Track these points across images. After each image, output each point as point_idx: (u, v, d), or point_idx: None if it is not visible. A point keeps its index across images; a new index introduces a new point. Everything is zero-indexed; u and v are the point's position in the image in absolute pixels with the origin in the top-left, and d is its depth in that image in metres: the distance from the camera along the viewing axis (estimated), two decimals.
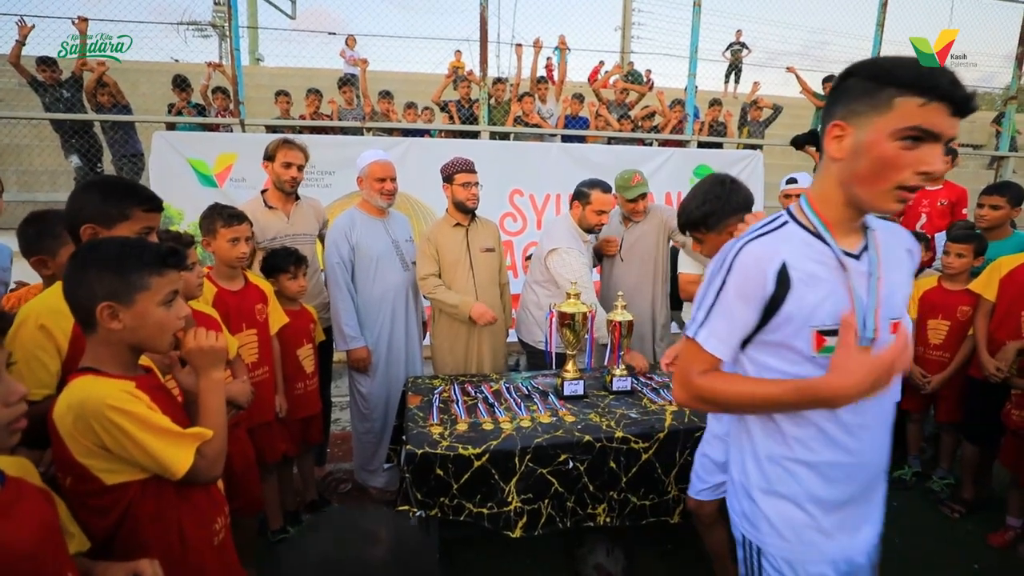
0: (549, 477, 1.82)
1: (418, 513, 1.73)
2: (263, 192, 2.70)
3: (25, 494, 0.92)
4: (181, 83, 5.64)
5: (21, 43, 5.27)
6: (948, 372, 2.75)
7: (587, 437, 1.85)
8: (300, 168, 2.64)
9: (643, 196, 2.85)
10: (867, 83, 0.92)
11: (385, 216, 2.73)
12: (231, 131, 5.08)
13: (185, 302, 1.79)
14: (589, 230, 2.73)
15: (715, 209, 1.64)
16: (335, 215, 2.86)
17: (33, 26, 5.21)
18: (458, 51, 8.67)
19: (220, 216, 2.07)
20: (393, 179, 2.65)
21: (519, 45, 5.71)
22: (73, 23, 5.37)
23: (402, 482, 1.77)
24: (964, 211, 3.77)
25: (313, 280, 2.78)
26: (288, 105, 5.64)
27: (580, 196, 2.71)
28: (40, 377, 1.29)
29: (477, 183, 2.69)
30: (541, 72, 6.20)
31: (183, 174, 4.63)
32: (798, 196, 1.08)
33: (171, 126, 5.62)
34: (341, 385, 3.87)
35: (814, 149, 5.93)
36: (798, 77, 5.72)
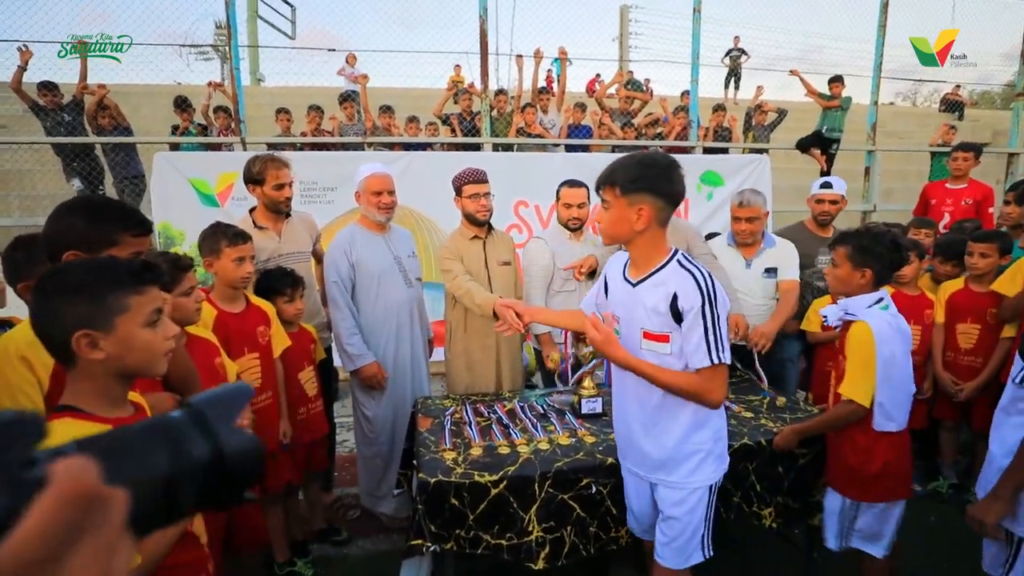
0: (571, 503, 1.71)
1: (432, 547, 1.63)
2: (251, 211, 2.57)
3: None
4: (183, 104, 5.63)
5: (23, 69, 5.27)
6: (981, 379, 2.63)
7: (610, 459, 1.74)
8: (290, 185, 2.53)
9: None
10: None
11: (386, 231, 2.63)
12: (232, 150, 5.04)
13: (181, 327, 1.74)
14: (567, 227, 2.69)
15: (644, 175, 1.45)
16: (337, 231, 2.78)
17: (32, 53, 5.21)
18: (457, 65, 8.69)
19: (224, 235, 1.99)
20: (391, 192, 2.56)
21: (519, 56, 5.69)
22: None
23: (414, 514, 1.66)
24: (991, 210, 3.66)
25: (311, 299, 2.68)
26: (289, 123, 5.62)
27: (556, 195, 2.73)
28: None
29: (487, 194, 2.57)
30: (542, 83, 6.16)
31: (184, 194, 4.58)
32: (833, 202, 1.03)
33: (174, 147, 5.62)
34: (347, 404, 3.77)
35: (819, 152, 5.88)
36: (802, 80, 5.66)
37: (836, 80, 5.73)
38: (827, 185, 2.83)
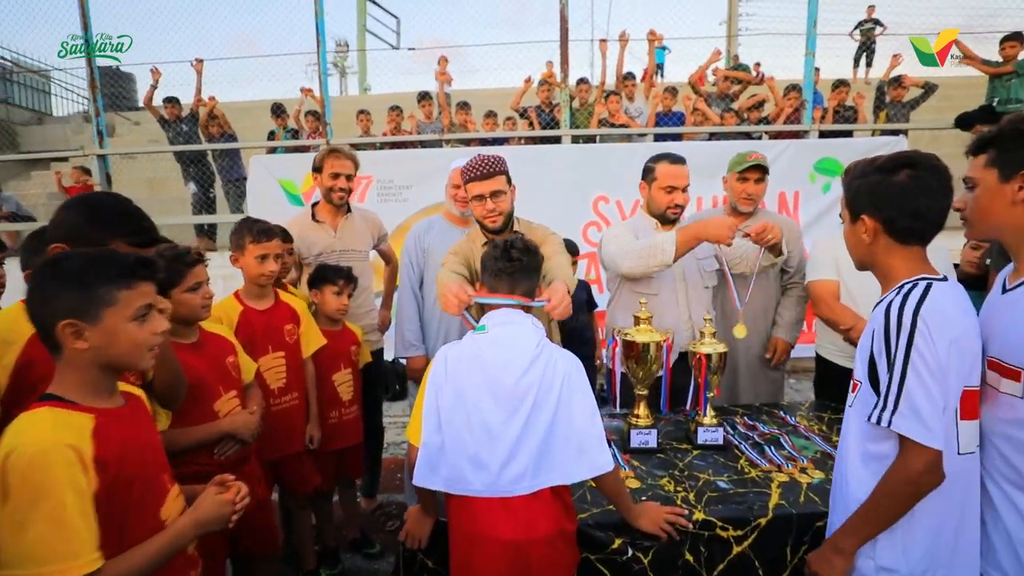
0: (600, 567, 1.36)
1: None
2: (313, 206, 2.58)
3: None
4: (278, 110, 5.98)
5: (154, 87, 5.92)
6: None
7: None
8: (349, 178, 2.48)
9: (759, 174, 2.29)
10: None
11: (468, 226, 2.38)
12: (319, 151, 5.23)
13: (192, 322, 1.67)
14: (662, 217, 2.16)
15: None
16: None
17: (161, 73, 5.81)
18: (549, 62, 8.42)
19: (250, 231, 1.92)
20: None
21: (603, 40, 5.28)
22: (192, 65, 5.95)
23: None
24: None
25: (362, 299, 2.58)
26: (369, 123, 5.73)
27: (646, 174, 2.20)
28: None
29: (498, 192, 1.87)
30: (628, 69, 5.68)
31: (274, 194, 4.84)
32: None
33: (272, 151, 6.01)
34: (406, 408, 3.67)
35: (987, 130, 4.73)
36: (958, 44, 4.60)
37: (1013, 38, 4.60)
38: None
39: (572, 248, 3.12)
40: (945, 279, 1.09)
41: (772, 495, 1.46)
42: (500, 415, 1.26)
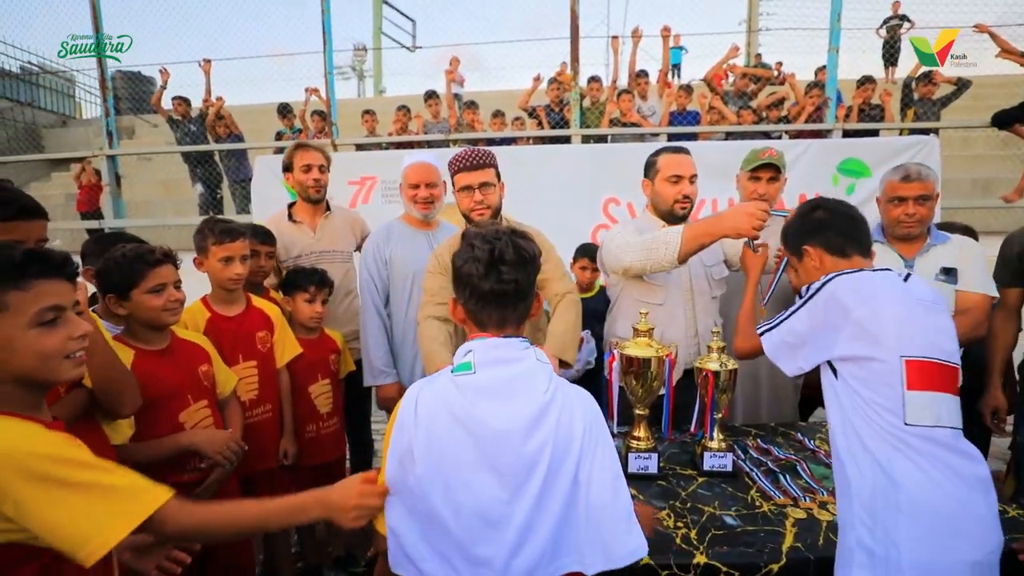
0: None
1: None
2: (290, 205, 2.44)
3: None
4: (284, 110, 5.93)
5: (163, 88, 5.92)
6: None
7: (645, 559, 1.18)
8: (322, 169, 2.36)
9: (773, 173, 2.06)
10: None
11: (432, 228, 2.27)
12: None
13: (165, 326, 1.55)
14: (669, 215, 1.95)
15: None
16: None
17: (169, 74, 5.81)
18: (563, 62, 8.28)
19: (212, 232, 1.78)
20: (431, 184, 2.18)
21: (615, 37, 5.11)
22: (200, 65, 5.94)
23: None
24: None
25: (346, 304, 2.44)
26: (374, 123, 5.64)
27: (647, 170, 1.99)
28: None
29: (486, 184, 1.84)
30: (643, 67, 5.49)
31: (278, 194, 4.73)
32: None
33: (279, 151, 5.97)
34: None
35: None
36: (994, 36, 4.32)
37: None
38: None
39: (591, 251, 2.89)
40: (884, 270, 1.22)
41: (786, 535, 1.27)
42: (501, 494, 0.93)
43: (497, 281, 0.98)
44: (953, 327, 1.17)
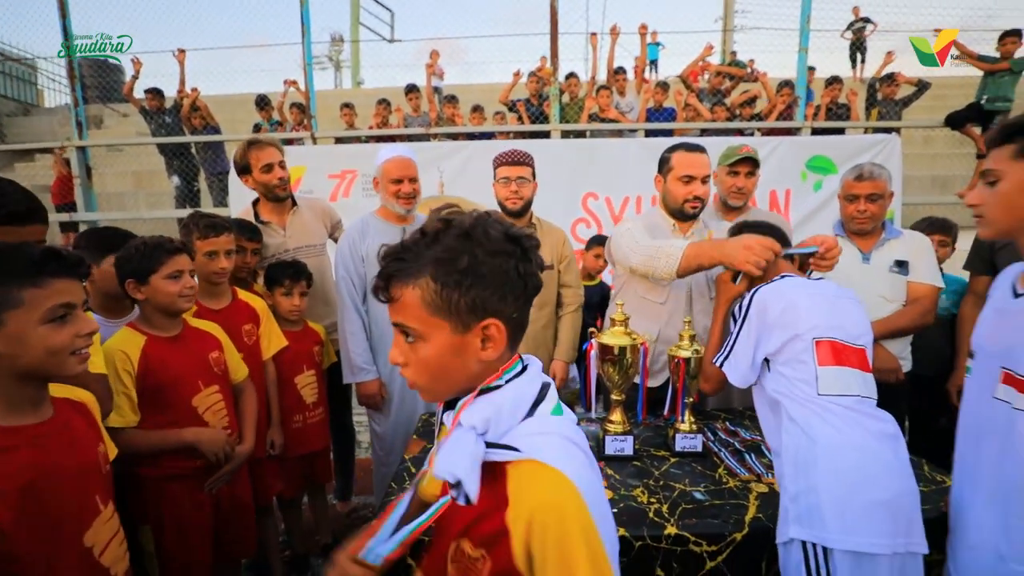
0: None
1: None
2: (254, 204, 2.38)
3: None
4: (262, 102, 5.85)
5: (135, 78, 5.78)
6: None
7: (621, 530, 1.27)
8: (282, 164, 2.30)
9: (751, 167, 2.12)
10: None
11: (408, 222, 2.30)
12: (304, 144, 5.12)
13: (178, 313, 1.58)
14: (680, 213, 1.97)
15: None
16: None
17: (142, 63, 5.67)
18: (543, 57, 8.32)
19: (196, 227, 1.80)
20: (412, 180, 2.22)
21: (594, 34, 5.19)
22: (174, 55, 5.81)
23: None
24: None
25: (322, 296, 2.46)
26: (352, 117, 5.61)
27: (661, 165, 2.01)
28: None
29: (522, 179, 2.19)
30: (619, 63, 5.58)
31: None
32: None
33: None
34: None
35: (978, 130, 4.67)
36: (955, 43, 4.53)
37: (1012, 34, 4.52)
38: None
39: (601, 242, 3.23)
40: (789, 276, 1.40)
41: (749, 508, 1.37)
42: None
43: (539, 266, 0.74)
44: (860, 315, 1.34)
